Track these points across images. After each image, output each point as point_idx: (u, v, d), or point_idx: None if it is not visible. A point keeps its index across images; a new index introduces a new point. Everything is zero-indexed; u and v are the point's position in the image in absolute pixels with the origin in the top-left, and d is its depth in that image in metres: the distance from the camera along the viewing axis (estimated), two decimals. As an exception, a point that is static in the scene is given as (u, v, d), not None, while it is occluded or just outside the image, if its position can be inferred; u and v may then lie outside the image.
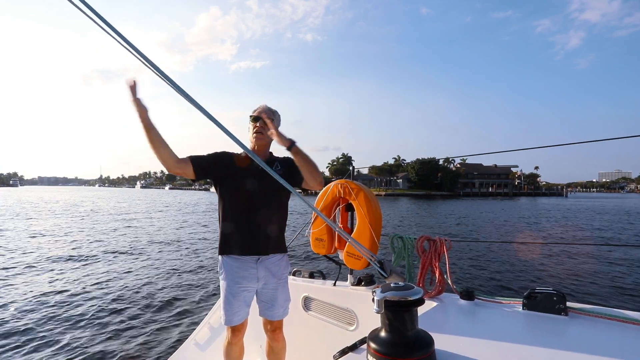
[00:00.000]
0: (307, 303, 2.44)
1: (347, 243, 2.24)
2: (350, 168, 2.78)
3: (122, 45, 1.03)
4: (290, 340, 2.52)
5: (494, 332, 1.49)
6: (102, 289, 6.25)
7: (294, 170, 1.98)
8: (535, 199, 71.76)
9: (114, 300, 5.61)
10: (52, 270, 7.62)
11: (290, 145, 1.84)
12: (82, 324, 4.62)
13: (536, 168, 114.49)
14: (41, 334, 4.26)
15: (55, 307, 5.21)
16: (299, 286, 2.49)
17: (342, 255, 2.29)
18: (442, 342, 0.99)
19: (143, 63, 1.05)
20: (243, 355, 2.20)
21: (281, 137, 1.85)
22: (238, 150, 1.96)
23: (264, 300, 2.08)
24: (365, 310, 2.14)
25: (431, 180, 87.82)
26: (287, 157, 2.06)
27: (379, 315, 1.02)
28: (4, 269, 7.63)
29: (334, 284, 2.35)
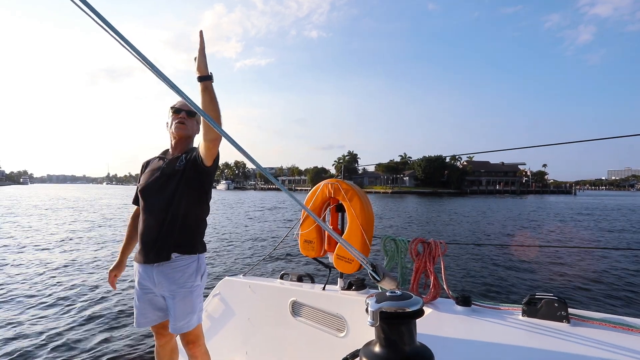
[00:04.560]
0: (295, 308, 2.35)
1: (338, 245, 2.15)
2: (337, 162, 2.68)
3: (120, 42, 0.96)
4: (277, 346, 2.44)
5: (492, 341, 1.42)
6: (88, 287, 6.21)
7: (196, 160, 1.87)
8: (543, 196, 71.29)
9: (99, 300, 5.55)
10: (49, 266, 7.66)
11: (206, 76, 1.65)
12: (64, 325, 4.55)
13: (544, 166, 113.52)
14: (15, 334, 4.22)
15: (34, 306, 5.19)
16: (286, 290, 2.40)
17: (332, 258, 2.20)
18: (437, 352, 0.90)
19: (143, 63, 0.97)
20: (176, 358, 2.15)
21: (203, 61, 1.65)
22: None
23: (167, 308, 1.95)
24: (355, 316, 2.05)
25: (438, 178, 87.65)
26: (192, 151, 1.97)
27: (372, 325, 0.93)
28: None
29: (323, 288, 2.26)
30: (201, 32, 1.63)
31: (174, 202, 1.86)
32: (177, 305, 1.88)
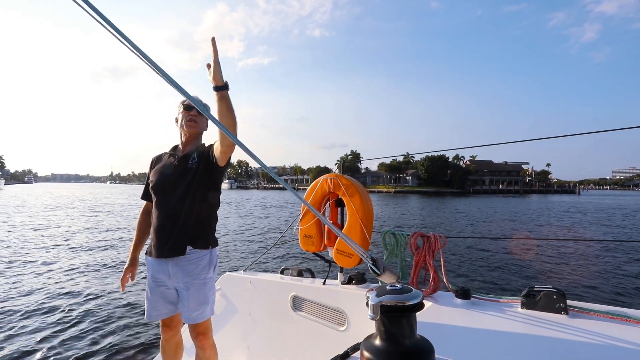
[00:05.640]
0: (295, 303, 2.36)
1: (338, 240, 2.15)
2: (340, 161, 2.69)
3: (122, 41, 0.96)
4: (278, 340, 2.45)
5: (492, 333, 1.43)
6: (96, 281, 6.26)
7: (209, 159, 1.90)
8: (546, 196, 71.05)
9: (103, 294, 5.59)
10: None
11: (223, 86, 1.63)
12: (69, 320, 4.59)
13: (548, 165, 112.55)
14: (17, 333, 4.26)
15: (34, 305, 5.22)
16: (287, 285, 2.41)
17: (331, 252, 2.20)
18: (437, 344, 0.90)
19: (147, 63, 0.98)
20: (181, 353, 2.17)
21: (219, 70, 1.61)
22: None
23: (180, 300, 1.98)
24: (355, 310, 2.06)
25: (441, 177, 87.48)
26: (204, 148, 1.98)
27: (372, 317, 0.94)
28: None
29: (324, 283, 2.27)
30: (213, 39, 1.56)
31: (187, 199, 1.90)
32: (191, 296, 1.92)
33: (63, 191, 66.83)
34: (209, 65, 1.62)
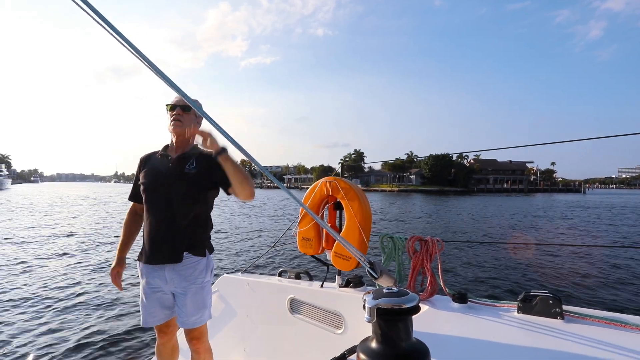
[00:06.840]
0: (293, 305, 2.37)
1: (336, 243, 2.16)
2: (339, 164, 2.69)
3: (117, 38, 0.96)
4: (276, 343, 2.47)
5: (488, 337, 1.44)
6: (93, 286, 6.25)
7: (212, 169, 1.83)
8: (551, 195, 70.66)
9: (98, 298, 5.58)
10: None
11: (220, 151, 1.67)
12: (65, 323, 4.59)
13: (552, 164, 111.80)
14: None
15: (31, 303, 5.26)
16: (285, 287, 2.42)
17: (330, 255, 2.21)
18: (434, 348, 0.91)
19: (140, 59, 0.98)
20: (177, 356, 2.17)
21: (216, 142, 1.68)
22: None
23: (177, 305, 1.96)
24: (353, 313, 2.06)
25: (445, 176, 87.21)
26: (206, 152, 1.86)
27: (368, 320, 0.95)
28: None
29: (321, 286, 2.27)
30: (202, 132, 1.70)
31: (184, 204, 1.86)
32: (189, 301, 1.90)
33: (69, 190, 67.14)
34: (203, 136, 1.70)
